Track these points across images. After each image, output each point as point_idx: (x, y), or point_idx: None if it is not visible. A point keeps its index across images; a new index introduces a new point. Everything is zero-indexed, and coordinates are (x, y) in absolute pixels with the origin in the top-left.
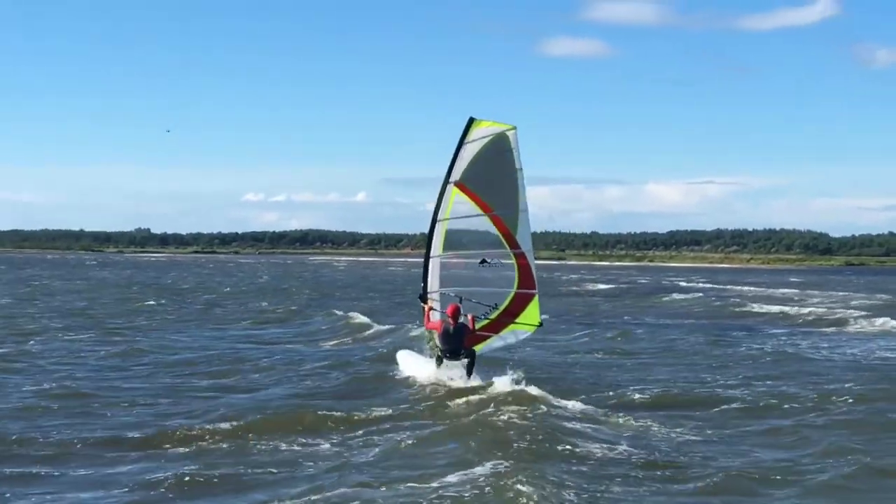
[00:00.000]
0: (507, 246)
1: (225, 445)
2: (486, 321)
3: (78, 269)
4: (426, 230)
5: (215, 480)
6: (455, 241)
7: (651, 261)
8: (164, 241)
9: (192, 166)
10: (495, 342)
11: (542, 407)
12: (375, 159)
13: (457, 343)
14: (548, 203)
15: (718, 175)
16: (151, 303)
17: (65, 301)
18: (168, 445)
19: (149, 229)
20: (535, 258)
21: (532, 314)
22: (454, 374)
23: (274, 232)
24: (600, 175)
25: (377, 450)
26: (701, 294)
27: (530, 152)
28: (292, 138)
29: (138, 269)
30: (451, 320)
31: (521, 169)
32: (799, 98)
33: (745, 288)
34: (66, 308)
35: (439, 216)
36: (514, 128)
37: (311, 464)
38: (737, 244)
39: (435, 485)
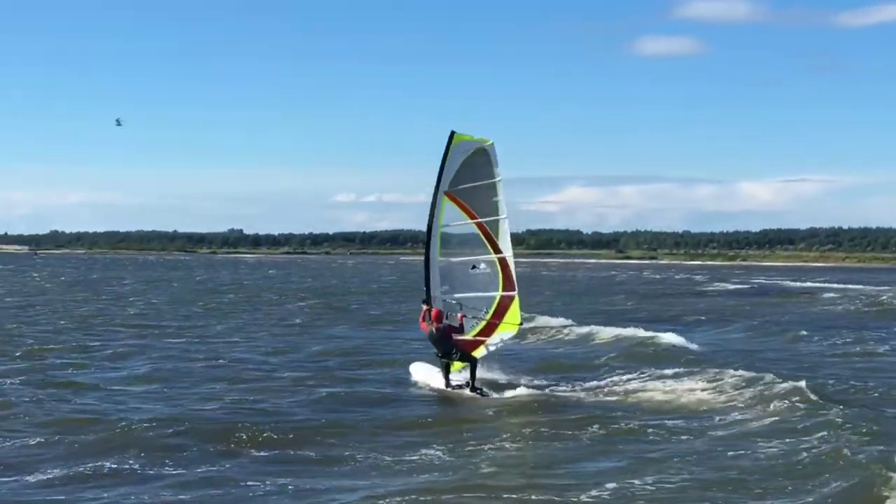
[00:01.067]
0: (491, 251)
1: None
2: (481, 325)
3: (210, 269)
4: (517, 230)
5: None
6: (449, 246)
7: (744, 260)
8: (257, 241)
9: (284, 167)
10: (490, 344)
11: None
12: None
13: (444, 344)
14: (638, 202)
15: (811, 173)
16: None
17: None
18: None
19: (241, 230)
20: (628, 257)
21: (514, 315)
22: (461, 380)
23: (364, 232)
24: (692, 173)
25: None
26: (843, 294)
27: (620, 150)
28: (383, 140)
29: (287, 270)
30: (434, 324)
31: (500, 179)
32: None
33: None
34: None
35: (434, 223)
36: (492, 143)
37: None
38: (831, 243)
39: None
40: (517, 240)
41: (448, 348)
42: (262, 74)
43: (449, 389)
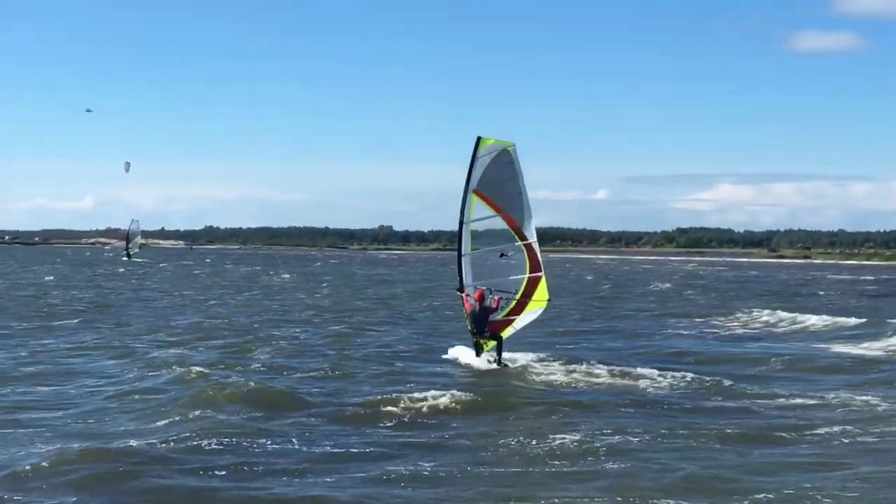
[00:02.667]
0: (517, 238)
1: None
2: (511, 304)
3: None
4: (667, 228)
5: None
6: (479, 238)
7: None
8: (406, 238)
9: (438, 164)
10: (519, 324)
11: None
12: (616, 156)
13: (482, 321)
14: (792, 200)
15: None
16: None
17: None
18: None
19: (391, 226)
20: (781, 256)
21: (542, 293)
22: (490, 358)
23: None
24: (847, 171)
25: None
26: None
27: (775, 147)
28: (532, 136)
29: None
30: (477, 303)
31: (522, 176)
32: None
33: None
34: None
35: (464, 219)
36: (514, 144)
37: None
38: None
39: None
40: (668, 238)
41: (482, 326)
42: (420, 74)
43: (480, 363)
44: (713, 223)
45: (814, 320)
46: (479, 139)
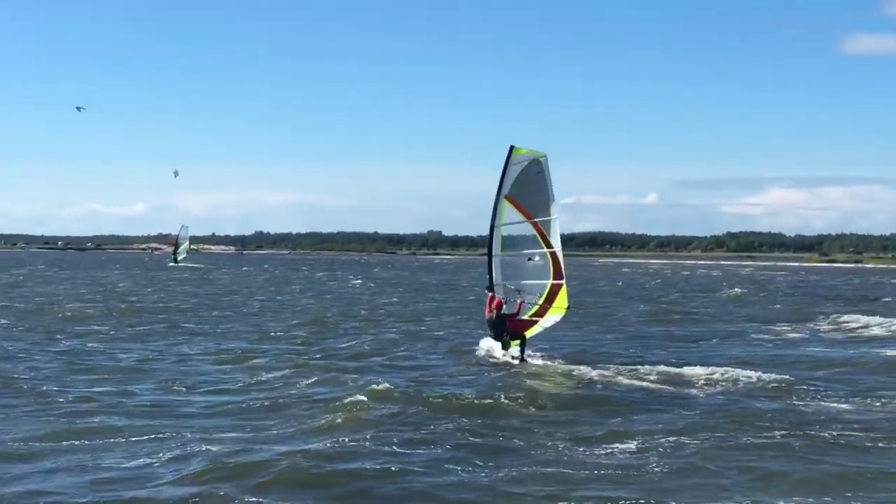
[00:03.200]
0: (543, 245)
1: None
2: (534, 308)
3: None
4: (717, 233)
5: None
6: (509, 242)
7: None
8: (455, 243)
9: (485, 168)
10: (540, 327)
11: None
12: (666, 160)
13: (498, 328)
14: (844, 204)
15: None
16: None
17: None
18: None
19: (440, 231)
20: (832, 261)
21: (562, 300)
22: (514, 353)
23: (563, 234)
24: None
25: None
26: None
27: (826, 151)
28: (582, 140)
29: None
30: (494, 311)
31: (551, 186)
32: None
33: None
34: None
35: (496, 223)
36: (545, 155)
37: None
38: None
39: None
40: (717, 242)
41: (500, 331)
42: (471, 78)
43: (506, 356)
44: (763, 227)
45: None
46: (511, 148)
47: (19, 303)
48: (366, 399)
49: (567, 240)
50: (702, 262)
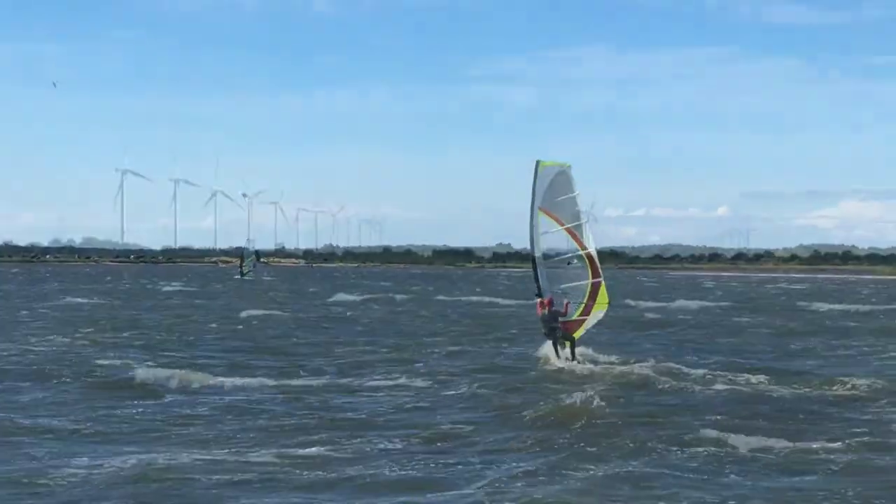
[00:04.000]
0: (579, 248)
1: None
2: (580, 308)
3: None
4: (789, 245)
5: None
6: (548, 250)
7: None
8: (524, 256)
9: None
10: (588, 324)
11: None
12: (736, 173)
13: (551, 324)
14: None
15: None
16: None
17: None
18: None
19: (510, 244)
20: None
21: (603, 296)
22: (566, 355)
23: (633, 247)
24: None
25: None
26: None
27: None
28: (650, 154)
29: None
30: (546, 308)
31: (579, 193)
32: None
33: None
34: None
35: (534, 234)
36: (570, 165)
37: None
38: None
39: None
40: (790, 256)
41: (553, 328)
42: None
43: (560, 362)
44: (837, 240)
45: None
46: (538, 162)
47: None
48: None
49: (637, 253)
50: (774, 274)
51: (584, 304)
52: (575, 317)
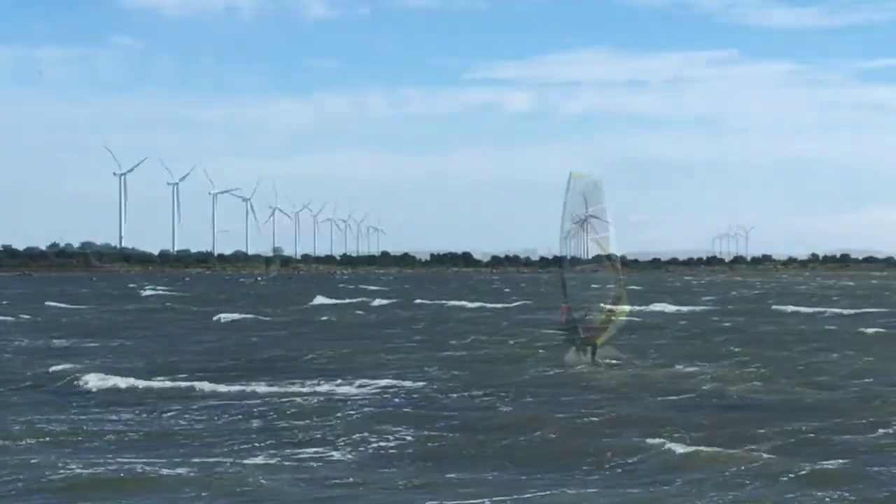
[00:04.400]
0: (605, 257)
1: None
2: (603, 316)
3: None
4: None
5: None
6: (576, 257)
7: None
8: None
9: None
10: (610, 332)
11: None
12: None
13: (570, 331)
14: None
15: None
16: None
17: None
18: None
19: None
20: None
21: (624, 303)
22: (587, 359)
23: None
24: None
25: None
26: None
27: None
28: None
29: None
30: (566, 315)
31: (606, 202)
32: None
33: None
34: None
35: (564, 242)
36: (601, 177)
37: None
38: None
39: None
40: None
41: (573, 334)
42: None
43: (580, 364)
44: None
45: None
46: (570, 173)
47: None
48: None
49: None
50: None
51: (607, 313)
52: (597, 325)
